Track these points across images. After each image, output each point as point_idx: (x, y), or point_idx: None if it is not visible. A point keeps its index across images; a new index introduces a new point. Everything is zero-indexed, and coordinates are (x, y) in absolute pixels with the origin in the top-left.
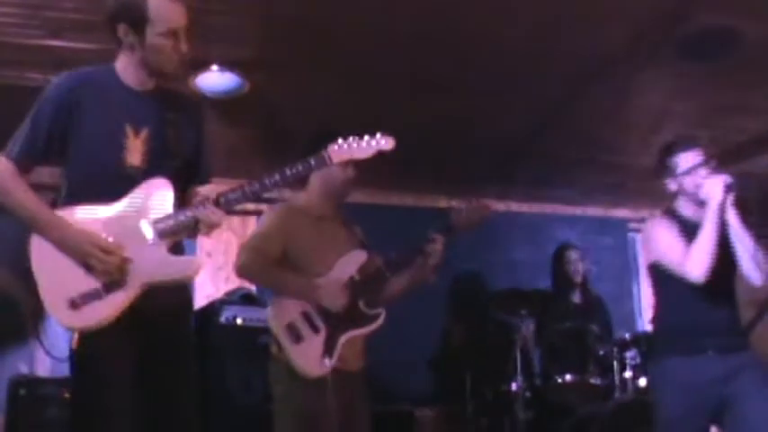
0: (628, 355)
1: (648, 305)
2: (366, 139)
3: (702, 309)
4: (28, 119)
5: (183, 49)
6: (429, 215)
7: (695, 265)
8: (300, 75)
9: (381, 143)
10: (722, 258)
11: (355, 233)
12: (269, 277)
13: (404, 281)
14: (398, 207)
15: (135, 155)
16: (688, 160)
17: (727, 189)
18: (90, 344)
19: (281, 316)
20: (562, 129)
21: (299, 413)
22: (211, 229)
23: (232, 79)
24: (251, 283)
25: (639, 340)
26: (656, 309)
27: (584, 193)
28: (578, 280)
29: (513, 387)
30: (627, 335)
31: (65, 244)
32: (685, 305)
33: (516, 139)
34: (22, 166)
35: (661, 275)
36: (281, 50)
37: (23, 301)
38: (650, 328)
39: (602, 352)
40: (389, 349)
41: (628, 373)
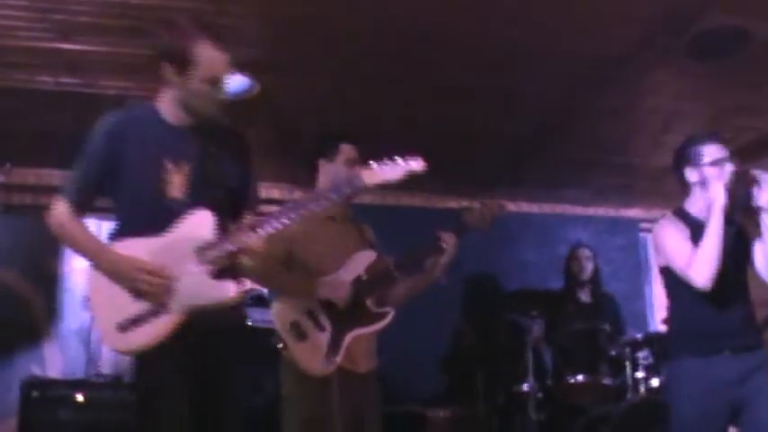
0: (640, 355)
1: (660, 305)
2: (396, 160)
3: (717, 309)
4: (80, 160)
5: (223, 96)
6: (439, 216)
7: (699, 273)
8: (310, 76)
9: (412, 165)
10: (734, 257)
11: (364, 233)
12: (273, 279)
13: (415, 281)
14: (409, 208)
15: (176, 188)
16: (713, 152)
17: (732, 189)
18: (146, 361)
19: (285, 314)
20: (573, 129)
21: (304, 414)
22: (249, 254)
23: (242, 81)
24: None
25: (651, 340)
26: (670, 310)
27: (595, 193)
28: (585, 278)
29: (524, 387)
30: (639, 335)
31: (114, 272)
32: (699, 306)
33: (527, 139)
34: (76, 205)
35: (673, 278)
36: (291, 52)
37: (35, 302)
38: (662, 328)
39: (613, 352)
40: (401, 350)
41: (640, 374)
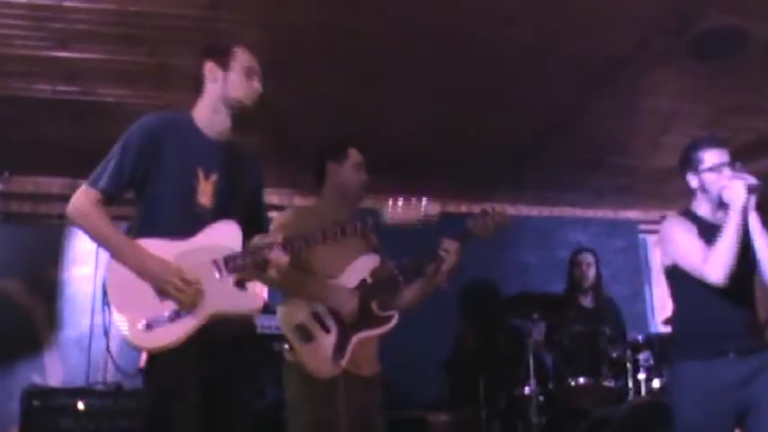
0: (641, 356)
1: (660, 306)
2: (415, 202)
3: (722, 311)
4: (114, 153)
5: (259, 87)
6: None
7: (716, 268)
8: (309, 82)
9: (429, 209)
10: (741, 260)
11: (369, 238)
12: (291, 283)
13: (418, 287)
14: None
15: (205, 196)
16: (713, 157)
17: (750, 191)
18: (163, 362)
19: (291, 316)
20: (572, 131)
21: (310, 417)
22: (279, 269)
23: None
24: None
25: (652, 342)
26: (674, 312)
27: (594, 195)
28: (587, 284)
29: (526, 391)
30: (639, 337)
31: (145, 271)
32: (704, 308)
33: (526, 142)
34: (105, 196)
35: (679, 278)
36: (289, 58)
37: (35, 311)
38: (663, 329)
39: (614, 354)
40: (403, 354)
41: (641, 375)
